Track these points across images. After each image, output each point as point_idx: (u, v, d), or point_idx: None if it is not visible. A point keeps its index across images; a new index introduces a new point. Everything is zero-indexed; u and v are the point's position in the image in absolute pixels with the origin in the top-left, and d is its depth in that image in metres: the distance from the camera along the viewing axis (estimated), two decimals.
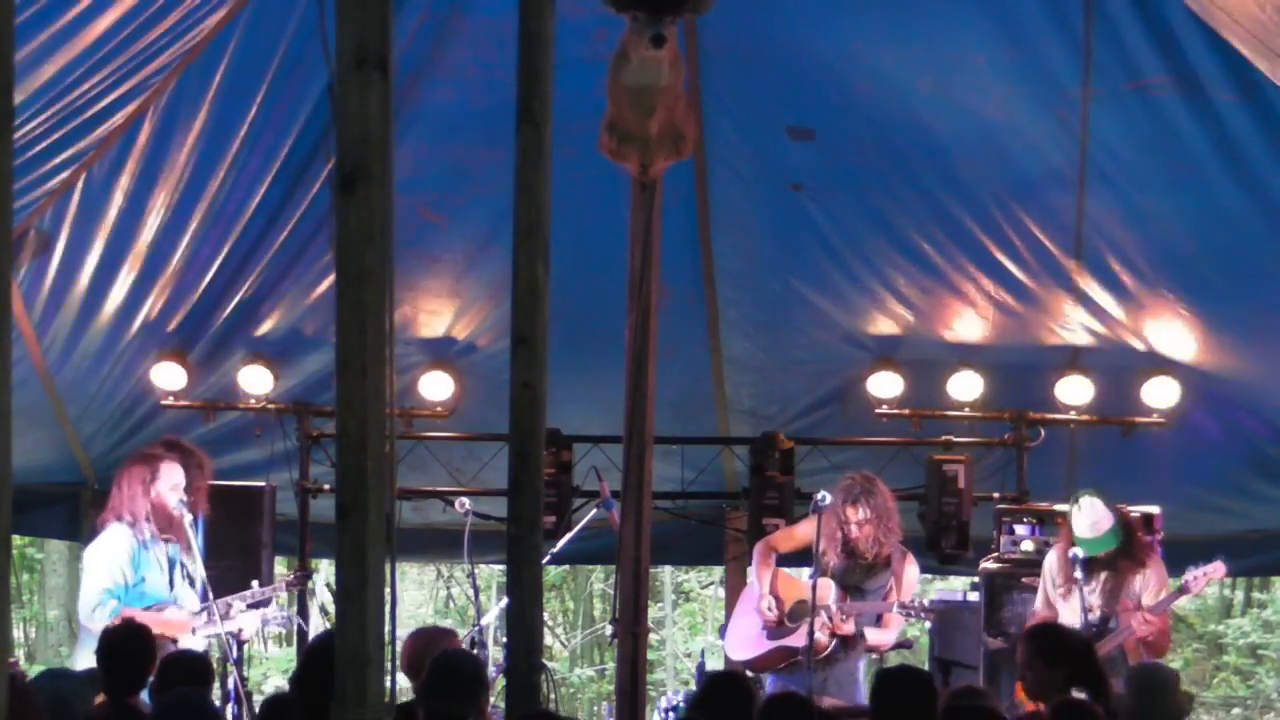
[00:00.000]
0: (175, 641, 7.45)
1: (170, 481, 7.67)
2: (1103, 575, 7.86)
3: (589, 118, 6.76)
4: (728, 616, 9.19)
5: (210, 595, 7.58)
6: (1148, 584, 7.84)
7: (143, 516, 7.61)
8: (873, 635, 8.22)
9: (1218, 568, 7.81)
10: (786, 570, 8.54)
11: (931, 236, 8.95)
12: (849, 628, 8.08)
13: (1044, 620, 7.57)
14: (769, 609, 8.26)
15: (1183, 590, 7.87)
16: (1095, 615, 7.73)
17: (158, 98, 8.04)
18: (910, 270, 9.18)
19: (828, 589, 8.02)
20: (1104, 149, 8.20)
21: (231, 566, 8.72)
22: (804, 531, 8.49)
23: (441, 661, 5.66)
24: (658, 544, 8.11)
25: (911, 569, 8.31)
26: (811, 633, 7.77)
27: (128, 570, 7.54)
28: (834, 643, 8.07)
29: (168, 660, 5.77)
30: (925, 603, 8.37)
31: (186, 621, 7.51)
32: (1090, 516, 7.84)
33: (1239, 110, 7.63)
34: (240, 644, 7.65)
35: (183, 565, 7.72)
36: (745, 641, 8.35)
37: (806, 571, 8.33)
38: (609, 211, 7.71)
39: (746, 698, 5.59)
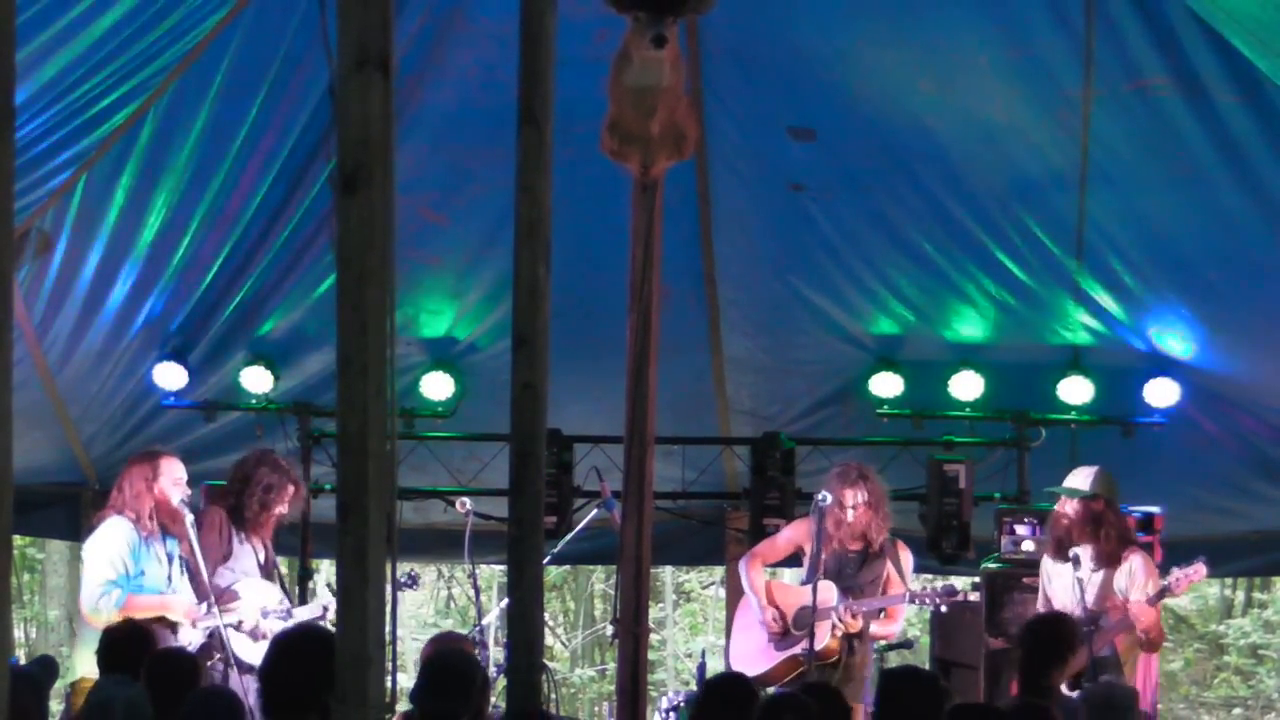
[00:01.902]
0: (175, 630, 7.44)
1: (172, 476, 7.68)
2: (1093, 574, 7.87)
3: (590, 118, 6.77)
4: (729, 619, 9.19)
5: (210, 591, 7.55)
6: (1135, 580, 7.83)
7: (145, 513, 7.61)
8: (878, 628, 8.23)
9: (1199, 570, 7.82)
10: (778, 581, 8.54)
11: (932, 236, 8.96)
12: (859, 625, 8.08)
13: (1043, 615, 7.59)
14: (774, 620, 8.25)
15: (1163, 593, 7.87)
16: (1089, 605, 7.74)
17: (158, 98, 8.04)
18: (910, 270, 9.19)
19: (830, 591, 8.01)
20: (1105, 149, 8.20)
21: None
22: (787, 537, 8.51)
23: (435, 661, 5.66)
24: (658, 544, 8.11)
25: (907, 555, 8.34)
26: (812, 635, 7.76)
27: (128, 561, 7.54)
28: (844, 645, 8.06)
29: (154, 658, 5.75)
30: (939, 587, 8.37)
31: (191, 608, 7.50)
32: (1080, 472, 8.04)
33: (1240, 110, 7.63)
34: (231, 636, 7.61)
35: (182, 560, 7.72)
36: (752, 656, 8.31)
37: (789, 575, 8.30)
38: (610, 211, 7.72)
39: (749, 698, 5.56)
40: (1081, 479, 8.02)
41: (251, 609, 7.69)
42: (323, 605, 8.17)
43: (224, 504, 7.93)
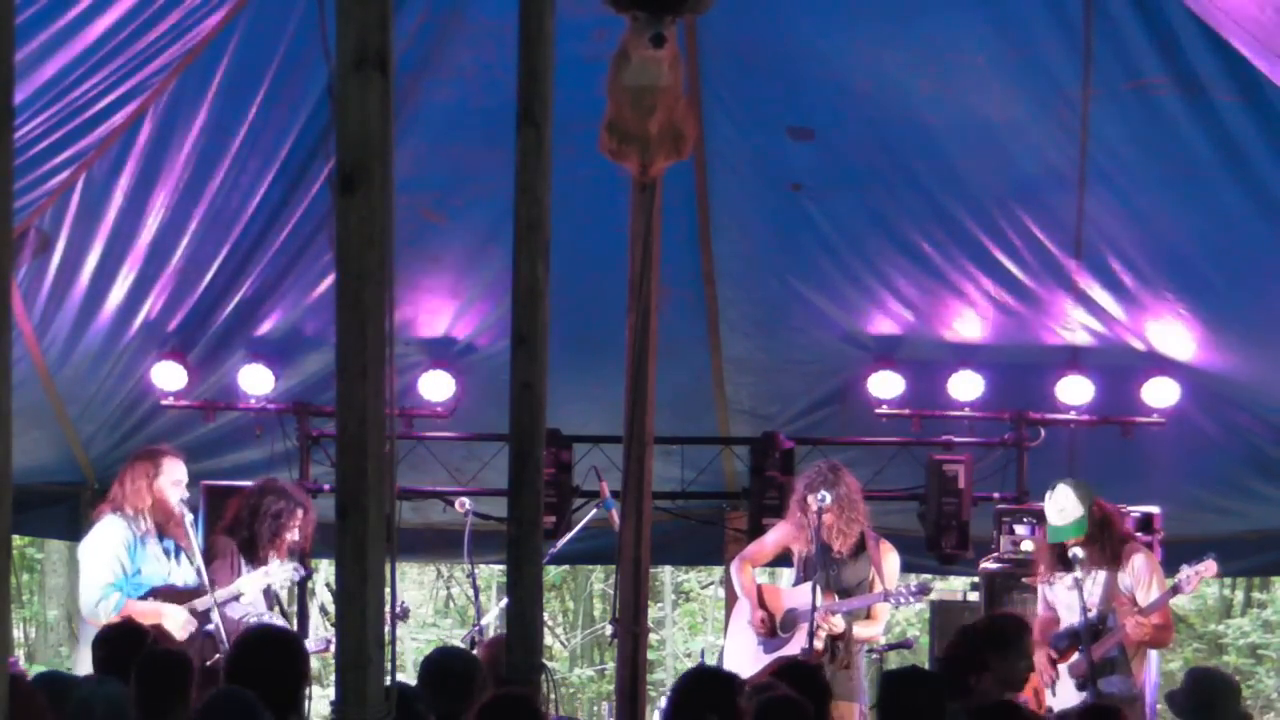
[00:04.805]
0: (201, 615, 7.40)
1: (172, 477, 7.66)
2: (1096, 573, 7.87)
3: (589, 118, 6.76)
4: (727, 619, 9.20)
5: (210, 587, 7.50)
6: (1139, 579, 7.84)
7: (143, 511, 7.59)
8: (861, 630, 8.22)
9: (1209, 566, 7.84)
10: (771, 584, 8.55)
11: (931, 236, 8.95)
12: (839, 625, 8.06)
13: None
14: (762, 622, 8.25)
15: (1175, 590, 7.88)
16: (1093, 614, 7.74)
17: (158, 98, 8.04)
18: (910, 270, 9.18)
19: (816, 593, 7.97)
20: (1104, 149, 8.20)
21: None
22: (774, 539, 8.50)
23: (434, 660, 5.66)
24: (658, 544, 8.11)
25: (891, 556, 8.32)
26: (812, 634, 7.76)
27: (125, 560, 7.51)
28: (827, 648, 8.06)
29: (144, 659, 5.72)
30: (914, 585, 8.38)
31: (188, 620, 7.46)
32: (1059, 504, 7.91)
33: (1239, 110, 7.63)
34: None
35: (180, 550, 7.68)
36: (742, 660, 8.30)
37: (786, 576, 8.30)
38: (609, 211, 7.72)
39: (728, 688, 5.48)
40: (1069, 511, 7.90)
41: (255, 578, 7.62)
42: (325, 639, 8.14)
43: (236, 537, 7.88)
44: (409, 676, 16.04)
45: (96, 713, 5.13)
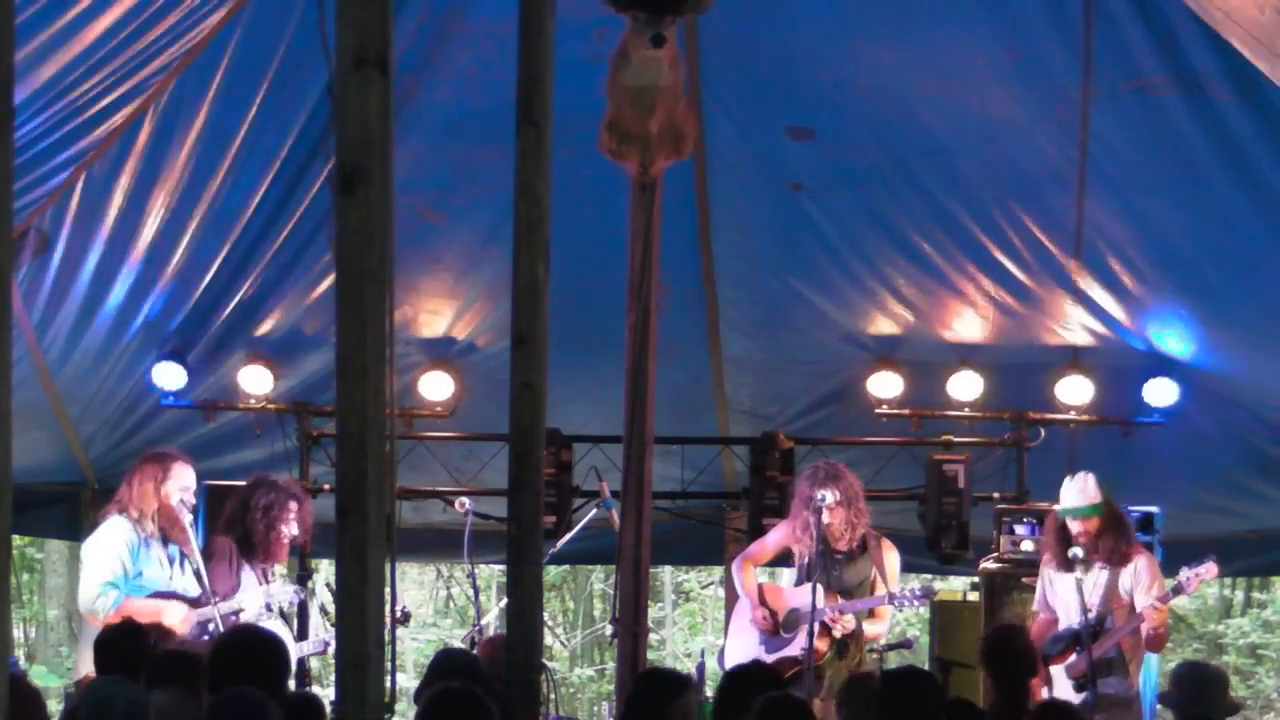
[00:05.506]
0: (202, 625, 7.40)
1: (180, 483, 7.65)
2: (1098, 575, 7.87)
3: (589, 118, 6.77)
4: (727, 619, 9.19)
5: (210, 591, 7.51)
6: (1139, 581, 7.84)
7: (148, 514, 7.59)
8: (867, 628, 8.23)
9: (1210, 568, 7.84)
10: (772, 583, 8.55)
11: (931, 236, 8.96)
12: (851, 624, 8.07)
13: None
14: (764, 619, 8.25)
15: (1176, 592, 7.89)
16: (1092, 615, 7.74)
17: (158, 98, 8.03)
18: (910, 270, 9.19)
19: (817, 593, 7.98)
20: (1104, 149, 8.20)
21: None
22: (776, 540, 8.50)
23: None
24: (658, 544, 8.11)
25: (892, 555, 8.32)
26: (812, 635, 7.76)
27: (127, 562, 7.51)
28: (833, 647, 8.06)
29: (156, 659, 5.73)
30: (917, 589, 8.38)
31: (188, 614, 7.46)
32: (1080, 486, 7.94)
33: (1239, 110, 7.63)
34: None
35: (184, 557, 7.68)
36: (744, 660, 8.30)
37: (787, 576, 8.29)
38: (609, 211, 7.72)
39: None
40: (1089, 494, 7.94)
41: (254, 594, 7.64)
42: (324, 641, 8.13)
43: (232, 534, 7.89)
44: (409, 676, 16.06)
45: (116, 711, 5.14)
